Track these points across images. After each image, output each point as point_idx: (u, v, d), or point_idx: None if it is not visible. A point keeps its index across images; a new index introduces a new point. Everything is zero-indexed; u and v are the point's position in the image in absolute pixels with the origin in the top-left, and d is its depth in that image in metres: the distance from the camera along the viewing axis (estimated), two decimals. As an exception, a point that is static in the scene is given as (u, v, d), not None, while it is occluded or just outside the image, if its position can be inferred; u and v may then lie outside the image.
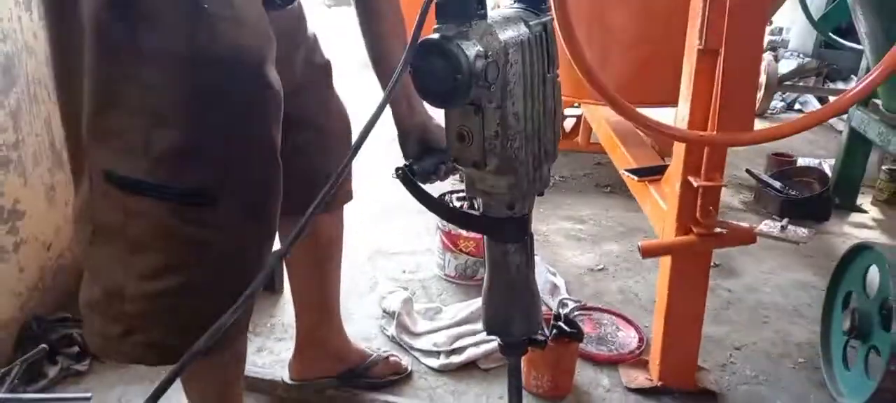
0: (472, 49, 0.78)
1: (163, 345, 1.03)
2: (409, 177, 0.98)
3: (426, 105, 1.02)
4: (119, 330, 1.03)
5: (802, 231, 1.58)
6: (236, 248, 1.04)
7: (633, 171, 1.93)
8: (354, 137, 0.83)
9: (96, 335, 1.06)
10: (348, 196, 1.48)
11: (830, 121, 4.40)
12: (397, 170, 0.99)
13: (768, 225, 1.56)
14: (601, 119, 2.58)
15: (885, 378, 1.53)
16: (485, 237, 0.99)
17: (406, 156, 1.16)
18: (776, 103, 5.06)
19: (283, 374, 1.64)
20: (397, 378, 1.70)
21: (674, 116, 1.60)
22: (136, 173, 0.96)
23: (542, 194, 0.96)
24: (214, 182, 0.99)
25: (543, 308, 1.78)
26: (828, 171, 3.21)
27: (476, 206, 0.98)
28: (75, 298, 1.87)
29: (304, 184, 1.18)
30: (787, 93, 5.12)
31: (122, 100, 0.95)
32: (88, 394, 1.38)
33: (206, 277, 1.02)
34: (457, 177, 1.08)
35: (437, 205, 0.99)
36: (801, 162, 3.38)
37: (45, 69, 1.76)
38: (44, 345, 1.32)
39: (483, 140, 0.86)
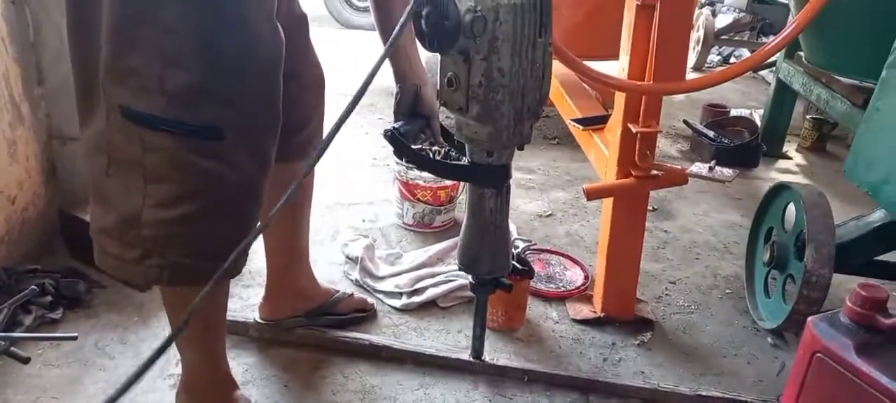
0: (464, 3, 0.89)
1: (177, 267, 1.13)
2: (398, 138, 1.09)
3: (423, 59, 1.13)
4: (136, 254, 1.12)
5: (728, 171, 1.76)
6: (241, 181, 1.14)
7: (578, 121, 2.06)
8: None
9: (112, 257, 1.14)
10: (316, 143, 1.56)
11: (762, 73, 4.65)
12: (386, 131, 1.09)
13: (698, 167, 1.72)
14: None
15: (799, 302, 1.73)
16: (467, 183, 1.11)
17: (397, 117, 1.26)
18: (713, 57, 5.29)
19: (253, 316, 1.73)
20: (363, 314, 1.81)
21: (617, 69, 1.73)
22: (153, 110, 1.04)
23: (522, 149, 1.07)
24: (224, 120, 1.08)
25: (510, 283, 1.92)
26: (758, 121, 3.44)
27: (452, 156, 1.10)
28: (43, 250, 1.93)
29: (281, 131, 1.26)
30: (724, 47, 5.36)
31: (140, 41, 1.02)
32: (74, 334, 1.45)
33: (216, 206, 1.12)
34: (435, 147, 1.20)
35: (422, 161, 1.10)
36: (733, 112, 3.59)
37: (1, 22, 1.76)
38: (33, 286, 1.37)
39: (468, 88, 0.96)
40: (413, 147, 1.22)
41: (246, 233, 1.19)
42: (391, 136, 1.08)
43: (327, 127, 1.57)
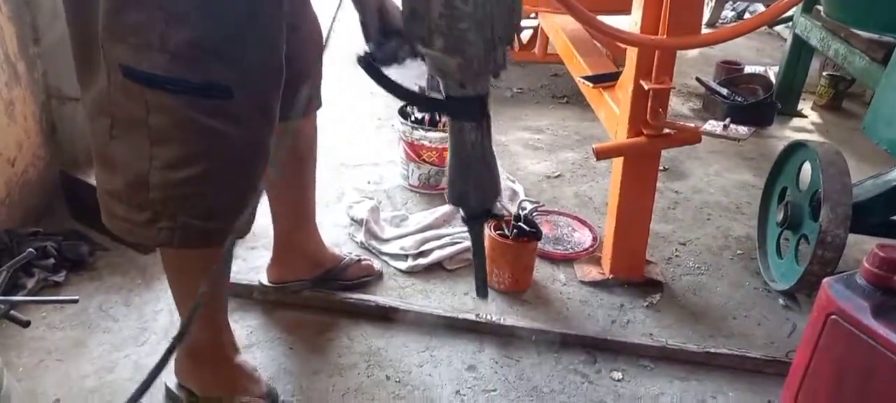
0: None
1: (188, 228, 1.11)
2: (372, 63, 1.03)
3: None
4: (145, 216, 1.10)
5: (743, 129, 1.70)
6: (249, 139, 1.11)
7: (588, 78, 2.00)
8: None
9: (121, 220, 1.13)
10: (320, 101, 1.52)
11: (777, 29, 4.53)
12: (359, 57, 1.03)
13: (712, 125, 1.67)
14: (558, 28, 2.62)
15: (812, 262, 1.69)
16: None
17: (367, 40, 1.19)
18: (727, 13, 5.16)
19: (260, 278, 1.71)
20: (369, 279, 1.80)
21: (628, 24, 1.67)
22: (155, 69, 1.00)
23: (497, 76, 1.01)
24: (229, 77, 1.04)
25: (503, 212, 1.89)
26: (772, 78, 3.35)
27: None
28: (44, 212, 1.92)
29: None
30: (738, 3, 5.22)
31: None
32: (75, 297, 1.44)
33: (224, 165, 1.10)
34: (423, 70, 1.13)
35: (398, 89, 1.04)
36: (747, 69, 3.50)
37: (-8, -19, 1.71)
38: (32, 249, 1.35)
39: (429, 19, 0.91)
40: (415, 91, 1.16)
41: (255, 191, 1.17)
42: (365, 62, 1.03)
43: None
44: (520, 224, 1.79)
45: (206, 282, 1.12)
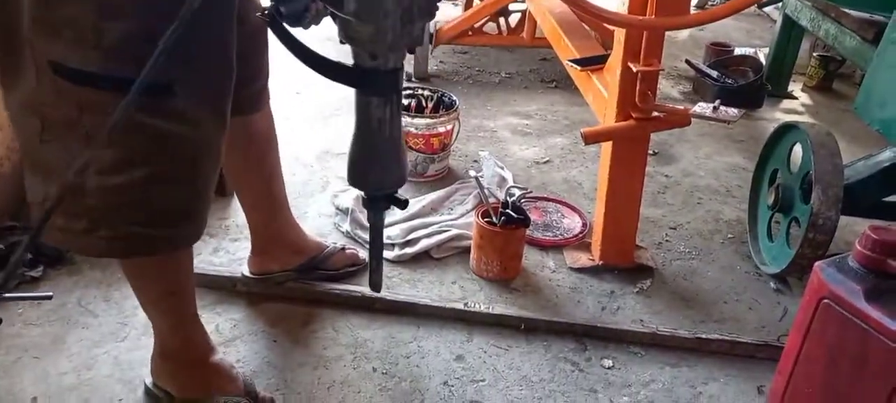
0: None
1: (129, 237, 1.05)
2: (276, 19, 0.96)
3: None
4: (83, 225, 1.03)
5: (733, 110, 1.67)
6: (196, 140, 1.05)
7: (576, 61, 1.97)
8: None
9: (58, 230, 1.05)
10: (268, 93, 1.47)
11: (767, 9, 4.50)
12: (263, 10, 0.97)
13: (701, 107, 1.64)
14: (546, 12, 2.58)
15: (804, 245, 1.67)
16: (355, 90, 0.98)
17: None
18: (716, -5, 5.12)
19: (241, 270, 1.67)
20: (354, 269, 1.76)
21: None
22: (89, 65, 0.93)
23: (412, 51, 0.96)
24: (171, 74, 0.97)
25: (491, 199, 1.86)
26: (763, 60, 3.33)
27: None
28: (18, 206, 1.86)
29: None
30: (728, -15, 5.18)
31: None
32: (49, 293, 1.40)
33: (169, 169, 1.03)
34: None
35: (302, 51, 0.97)
36: (737, 51, 3.48)
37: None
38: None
39: None
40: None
41: (205, 195, 1.11)
42: (270, 16, 0.96)
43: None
44: (508, 211, 1.76)
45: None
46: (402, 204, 1.11)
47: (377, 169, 1.03)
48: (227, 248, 1.85)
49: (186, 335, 1.31)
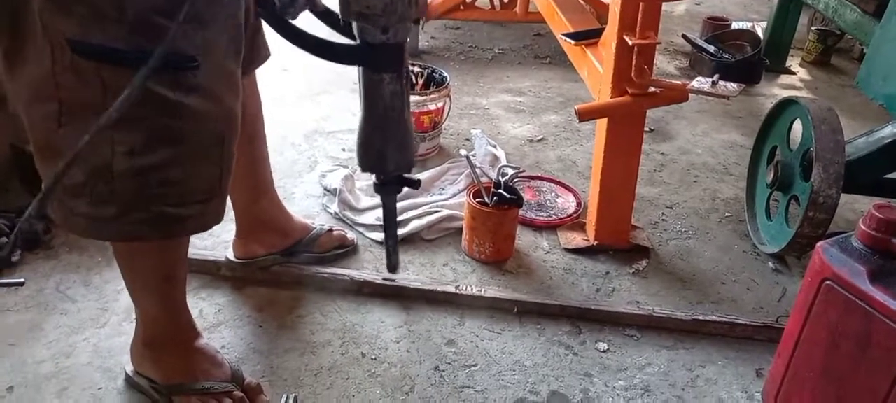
0: None
1: (162, 218, 1.01)
2: (274, 11, 0.94)
3: None
4: (112, 211, 0.99)
5: (732, 85, 1.64)
6: (219, 113, 1.01)
7: (570, 35, 1.91)
8: None
9: (84, 218, 1.01)
10: (268, 51, 1.40)
11: (765, -15, 4.43)
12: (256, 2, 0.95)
13: (700, 82, 1.60)
14: (539, -15, 2.52)
15: (803, 224, 1.63)
16: (360, 69, 0.96)
17: None
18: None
19: (226, 254, 1.62)
20: (343, 251, 1.72)
21: (610, -25, 1.58)
22: (113, 42, 0.88)
23: (417, 22, 0.94)
24: (195, 44, 0.93)
25: (484, 179, 1.81)
26: (760, 34, 3.27)
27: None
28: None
29: None
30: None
31: None
32: (21, 279, 1.35)
33: (197, 146, 0.99)
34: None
35: (306, 40, 0.95)
36: (734, 25, 3.42)
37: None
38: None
39: None
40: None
41: (231, 171, 1.07)
42: (267, 10, 0.94)
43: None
44: (500, 190, 1.71)
45: None
46: (416, 184, 1.09)
47: (393, 149, 1.00)
48: (211, 231, 1.79)
49: (175, 320, 1.27)
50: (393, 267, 1.19)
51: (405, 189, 1.97)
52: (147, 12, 0.88)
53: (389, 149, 1.00)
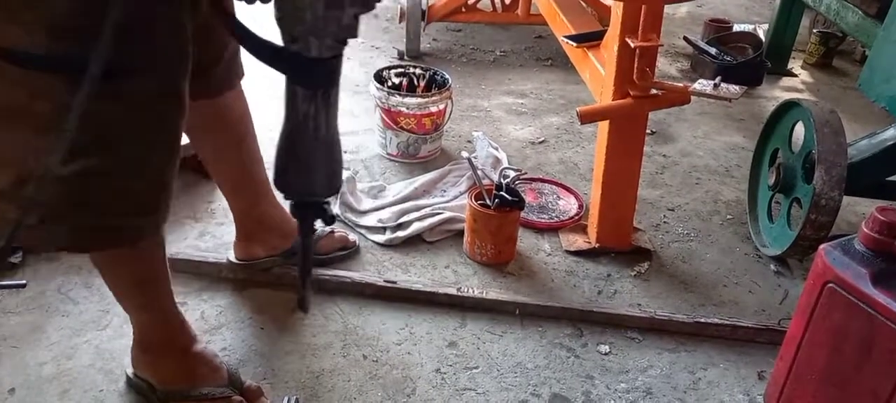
0: None
1: (83, 230, 0.99)
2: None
3: None
4: (38, 217, 0.96)
5: (734, 87, 1.63)
6: (151, 126, 0.98)
7: (571, 38, 1.91)
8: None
9: (11, 225, 0.96)
10: (243, 71, 1.40)
11: (766, -13, 4.42)
12: None
13: (702, 84, 1.59)
14: (541, -12, 2.52)
15: (805, 227, 1.63)
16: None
17: None
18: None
19: (228, 256, 1.62)
20: (345, 252, 1.71)
21: (612, -23, 1.57)
22: (34, 48, 0.86)
23: (344, 43, 0.86)
24: (122, 54, 0.89)
25: (485, 181, 1.81)
26: (762, 36, 3.27)
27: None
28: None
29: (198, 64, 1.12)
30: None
31: None
32: (23, 281, 1.34)
33: (123, 156, 0.96)
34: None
35: (244, 36, 0.91)
36: (736, 27, 3.41)
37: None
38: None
39: None
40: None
41: (165, 183, 1.03)
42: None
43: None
44: (502, 193, 1.71)
45: None
46: (328, 220, 1.00)
47: (300, 171, 0.93)
48: (213, 233, 1.80)
49: (165, 326, 1.26)
50: (303, 305, 1.11)
51: (408, 192, 1.98)
52: (68, 16, 0.85)
53: (294, 171, 0.94)
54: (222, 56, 1.28)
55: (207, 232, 1.80)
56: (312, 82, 0.88)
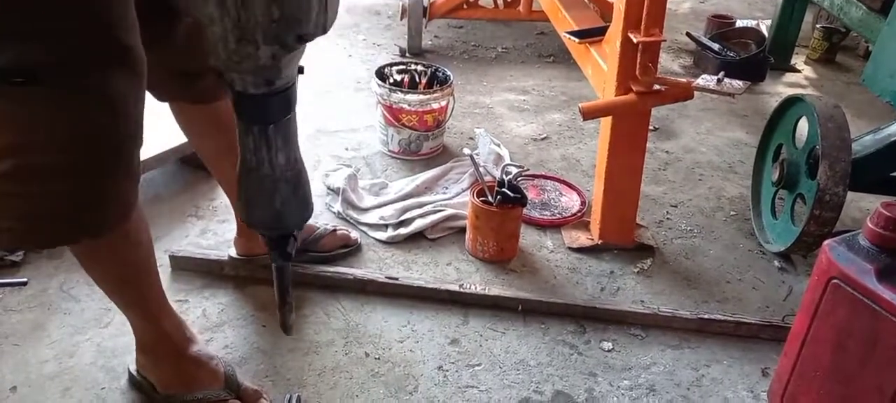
0: None
1: (11, 231, 0.97)
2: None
3: None
4: None
5: (738, 83, 1.63)
6: (77, 133, 0.93)
7: (574, 34, 1.90)
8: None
9: None
10: None
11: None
12: None
13: (705, 79, 1.59)
14: (543, -16, 2.51)
15: (809, 223, 1.62)
16: None
17: None
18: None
19: (229, 251, 1.62)
20: (347, 250, 1.71)
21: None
22: None
23: (271, 83, 0.83)
24: (35, 57, 0.86)
25: (487, 177, 1.80)
26: (765, 32, 3.25)
27: None
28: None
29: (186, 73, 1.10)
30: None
31: None
32: (24, 279, 1.34)
33: (46, 160, 0.93)
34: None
35: None
36: (739, 23, 3.40)
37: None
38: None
39: None
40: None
41: (109, 187, 0.99)
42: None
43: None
44: (504, 189, 1.71)
45: None
46: (285, 256, 1.01)
47: (255, 205, 0.93)
48: (214, 230, 1.80)
49: (156, 326, 1.25)
50: (287, 329, 1.12)
51: (409, 189, 1.98)
52: None
53: (251, 198, 0.94)
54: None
55: (209, 229, 1.80)
56: (244, 117, 0.87)
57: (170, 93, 1.28)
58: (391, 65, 2.26)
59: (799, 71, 3.22)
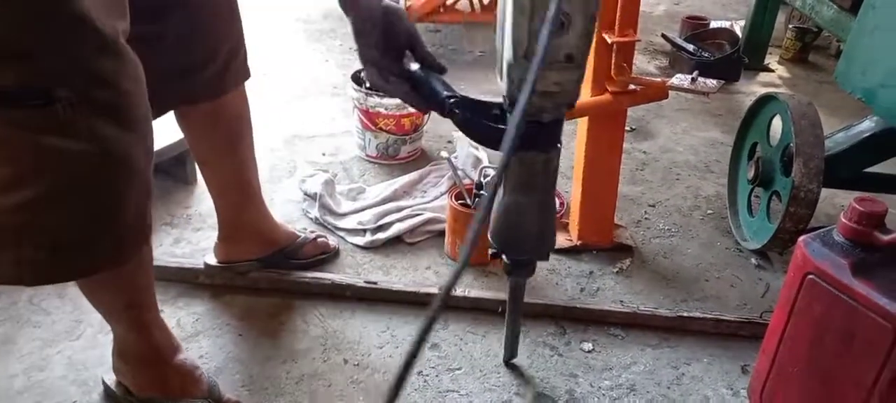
0: None
1: (34, 263, 0.94)
2: (459, 112, 1.04)
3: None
4: None
5: (712, 81, 1.65)
6: (96, 154, 0.91)
7: (550, 35, 1.90)
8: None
9: None
10: (247, 73, 1.38)
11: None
12: (448, 103, 1.01)
13: (679, 79, 1.60)
14: (519, -14, 2.51)
15: (785, 219, 1.63)
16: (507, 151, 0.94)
17: (365, 58, 1.05)
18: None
19: (206, 259, 1.59)
20: (324, 256, 1.69)
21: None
22: None
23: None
24: (49, 78, 0.84)
25: (466, 180, 1.79)
26: (738, 33, 3.29)
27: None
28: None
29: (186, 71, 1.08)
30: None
31: None
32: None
33: (67, 186, 0.91)
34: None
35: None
36: (713, 24, 3.43)
37: None
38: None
39: (584, 23, 0.77)
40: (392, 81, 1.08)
41: (120, 215, 0.97)
42: (458, 114, 1.03)
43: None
44: (482, 192, 1.70)
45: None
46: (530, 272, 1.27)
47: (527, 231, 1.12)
48: (189, 239, 1.77)
49: (146, 340, 1.22)
50: (509, 353, 1.37)
51: (387, 193, 1.96)
52: None
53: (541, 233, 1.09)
54: (215, 58, 1.26)
55: (183, 238, 1.77)
56: (539, 145, 1.02)
57: (170, 100, 1.26)
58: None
59: (772, 70, 3.26)
